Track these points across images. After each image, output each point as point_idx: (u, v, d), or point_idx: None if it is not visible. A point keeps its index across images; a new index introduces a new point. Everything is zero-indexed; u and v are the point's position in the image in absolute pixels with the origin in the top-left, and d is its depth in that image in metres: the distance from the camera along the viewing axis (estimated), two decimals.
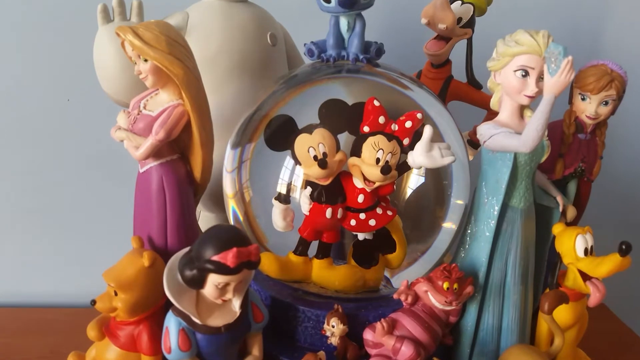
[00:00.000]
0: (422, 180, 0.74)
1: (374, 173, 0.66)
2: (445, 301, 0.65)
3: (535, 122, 0.59)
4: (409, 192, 0.74)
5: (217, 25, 0.83)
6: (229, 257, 0.56)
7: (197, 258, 0.58)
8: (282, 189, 0.72)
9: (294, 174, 0.71)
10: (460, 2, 0.85)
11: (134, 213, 0.74)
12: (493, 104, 0.68)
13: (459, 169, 0.73)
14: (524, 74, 0.64)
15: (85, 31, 0.83)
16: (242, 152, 0.75)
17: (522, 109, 0.67)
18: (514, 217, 0.68)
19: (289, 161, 0.70)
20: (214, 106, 0.76)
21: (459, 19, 0.84)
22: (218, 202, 0.83)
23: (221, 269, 0.56)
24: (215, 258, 0.56)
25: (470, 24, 0.86)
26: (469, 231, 0.70)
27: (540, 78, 0.64)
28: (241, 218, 0.75)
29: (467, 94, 0.89)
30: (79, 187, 1.09)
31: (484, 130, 0.65)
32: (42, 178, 1.08)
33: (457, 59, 0.89)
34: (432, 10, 0.82)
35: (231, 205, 0.76)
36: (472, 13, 0.85)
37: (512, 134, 0.63)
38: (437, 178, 0.73)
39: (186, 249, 0.62)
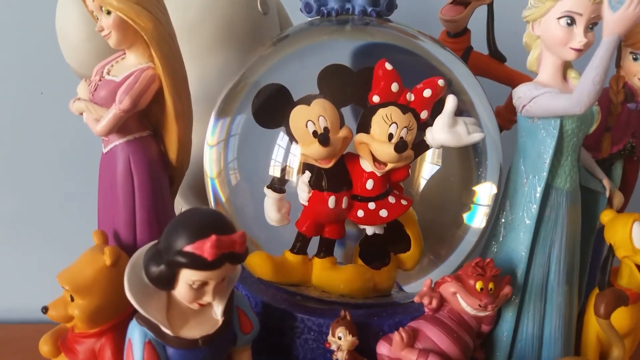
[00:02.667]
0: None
1: (386, 151, 0.54)
2: (479, 305, 0.52)
3: (592, 72, 0.47)
4: (427, 176, 0.63)
5: None
6: (205, 247, 0.43)
7: (166, 250, 0.45)
8: (275, 172, 0.60)
9: (290, 153, 0.59)
10: None
11: (98, 203, 0.62)
12: (530, 62, 0.57)
13: (490, 147, 0.61)
14: (569, 21, 0.52)
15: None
16: (230, 124, 0.63)
17: (565, 67, 0.55)
18: (558, 201, 0.56)
19: (282, 138, 0.58)
20: (195, 80, 0.65)
21: None
22: (202, 195, 0.71)
23: (196, 262, 0.43)
24: (188, 249, 0.44)
25: None
26: (503, 220, 0.59)
27: (589, 27, 0.53)
28: (224, 200, 0.63)
29: (489, 67, 0.77)
30: (53, 189, 0.97)
31: (523, 92, 0.54)
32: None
33: (476, 28, 0.78)
34: None
35: (211, 185, 0.64)
36: None
37: (559, 94, 0.52)
38: (464, 157, 0.61)
39: (154, 242, 0.49)
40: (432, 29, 0.79)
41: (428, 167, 0.62)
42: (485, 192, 0.61)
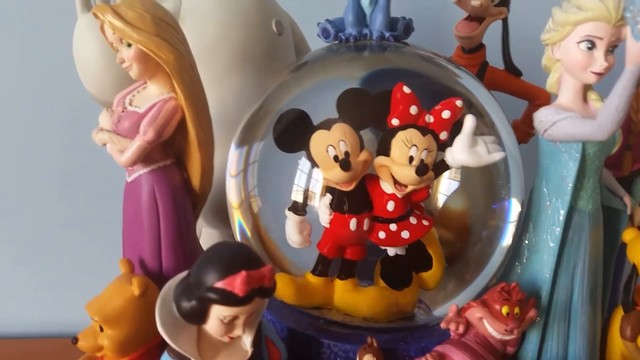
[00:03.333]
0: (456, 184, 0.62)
1: (407, 174, 0.54)
2: (506, 329, 0.53)
3: (616, 100, 0.47)
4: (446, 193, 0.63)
5: (214, 10, 0.72)
6: (236, 284, 0.43)
7: (196, 285, 0.45)
8: (297, 197, 0.60)
9: (311, 178, 0.59)
10: None
11: (122, 231, 0.62)
12: (550, 85, 0.57)
13: (512, 165, 0.61)
14: (590, 45, 0.52)
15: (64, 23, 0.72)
16: (248, 152, 0.63)
17: (585, 90, 0.55)
18: (581, 223, 0.56)
19: (304, 163, 0.58)
20: (213, 104, 0.65)
21: None
22: (222, 216, 0.71)
23: (227, 298, 0.44)
24: (219, 285, 0.44)
25: (505, 1, 0.74)
26: (527, 242, 0.59)
27: (609, 50, 0.52)
28: (249, 233, 0.63)
29: (506, 82, 0.77)
30: (59, 201, 0.97)
31: (545, 116, 0.54)
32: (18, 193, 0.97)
33: (490, 43, 0.78)
34: None
35: (237, 217, 0.64)
36: None
37: (582, 119, 0.51)
38: (487, 176, 0.61)
39: (183, 274, 0.50)
40: (446, 44, 0.79)
41: (448, 185, 0.62)
42: (509, 210, 0.61)
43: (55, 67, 0.85)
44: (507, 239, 0.60)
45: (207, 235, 0.81)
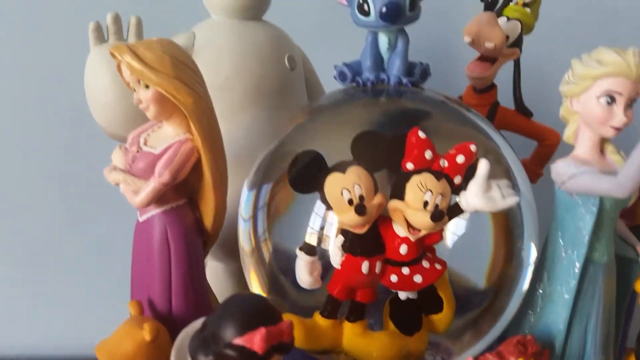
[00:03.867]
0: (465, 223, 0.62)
1: (422, 220, 0.54)
2: None
3: (638, 160, 0.47)
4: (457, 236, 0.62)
5: (228, 46, 0.72)
6: (256, 340, 0.43)
7: (214, 340, 0.45)
8: (310, 238, 0.59)
9: (324, 220, 0.59)
10: (505, 18, 0.74)
11: (131, 271, 0.62)
12: (567, 136, 0.57)
13: (525, 209, 0.61)
14: (609, 100, 0.52)
15: (74, 52, 0.72)
16: (258, 194, 0.62)
17: (602, 142, 0.56)
18: (595, 275, 0.56)
19: (318, 205, 0.58)
20: (225, 138, 0.65)
21: (506, 38, 0.73)
22: (229, 250, 0.71)
23: (246, 356, 0.43)
24: (238, 342, 0.43)
25: (518, 43, 0.75)
26: (541, 291, 0.58)
27: (628, 105, 0.53)
28: (262, 271, 0.63)
29: (516, 122, 0.77)
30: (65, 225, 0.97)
31: (562, 169, 0.54)
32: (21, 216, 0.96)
33: (501, 82, 0.78)
34: (476, 27, 0.71)
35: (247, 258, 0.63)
36: (519, 31, 0.74)
37: (600, 175, 0.52)
38: (501, 219, 0.61)
39: (198, 323, 0.49)
40: (458, 82, 0.79)
41: (461, 229, 0.62)
42: (527, 256, 0.61)
43: (68, 100, 0.85)
44: (524, 286, 0.60)
45: (211, 269, 0.80)
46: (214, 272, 0.79)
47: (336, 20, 0.66)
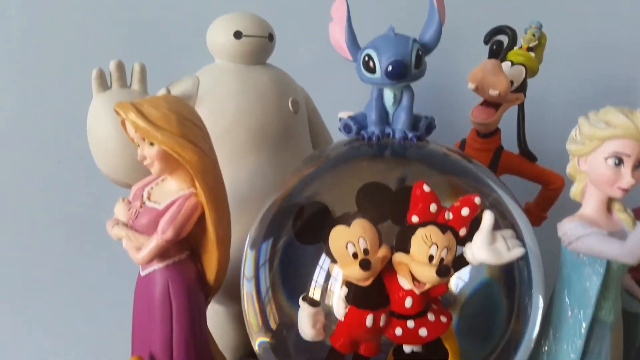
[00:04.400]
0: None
1: (428, 275, 0.53)
2: None
3: None
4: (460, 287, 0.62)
5: (232, 91, 0.72)
6: None
7: None
8: (315, 293, 0.59)
9: (328, 272, 0.58)
10: (510, 63, 0.74)
11: (132, 325, 0.61)
12: (574, 194, 0.56)
13: (532, 262, 0.60)
14: (617, 162, 0.52)
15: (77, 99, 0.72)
16: (258, 253, 0.61)
17: (610, 200, 0.55)
18: (602, 334, 0.56)
19: (323, 258, 0.57)
20: (228, 183, 0.64)
21: (510, 83, 0.73)
22: (230, 293, 0.70)
23: None
24: None
25: (522, 87, 0.75)
26: (546, 348, 0.58)
27: (636, 166, 0.52)
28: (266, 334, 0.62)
29: (521, 167, 0.77)
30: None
31: (569, 229, 0.53)
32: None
33: (504, 126, 0.78)
34: (481, 74, 0.70)
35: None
36: (524, 76, 0.74)
37: (608, 238, 0.51)
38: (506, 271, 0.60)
39: None
40: (461, 126, 0.79)
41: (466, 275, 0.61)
42: (535, 311, 0.60)
43: (70, 147, 0.85)
44: (531, 342, 0.59)
45: (212, 312, 0.79)
46: (215, 315, 0.78)
47: (339, 59, 0.66)
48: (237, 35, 0.71)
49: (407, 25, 0.59)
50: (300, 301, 0.57)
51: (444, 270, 0.53)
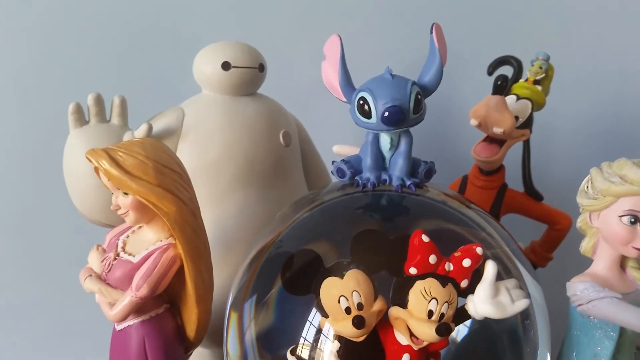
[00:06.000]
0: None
1: (427, 332, 0.49)
2: None
3: None
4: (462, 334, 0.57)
5: (218, 124, 0.67)
6: None
7: None
8: (303, 346, 0.55)
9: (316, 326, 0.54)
10: (515, 97, 0.70)
11: None
12: (585, 250, 0.52)
13: (538, 315, 0.55)
14: (632, 220, 0.48)
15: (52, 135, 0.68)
16: (241, 315, 0.57)
17: (623, 258, 0.51)
18: None
19: (313, 313, 0.53)
20: (213, 223, 0.61)
21: (515, 118, 0.68)
22: (214, 337, 0.66)
23: None
24: None
25: (528, 123, 0.70)
26: None
27: None
28: None
29: (526, 206, 0.73)
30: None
31: (580, 292, 0.49)
32: None
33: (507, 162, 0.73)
34: (484, 110, 0.66)
35: None
36: (530, 111, 0.70)
37: (624, 305, 0.47)
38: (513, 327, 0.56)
39: None
40: (462, 162, 0.75)
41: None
42: None
43: (46, 184, 0.80)
44: None
45: (197, 355, 0.75)
46: (200, 357, 0.74)
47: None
48: (225, 66, 0.67)
49: (405, 63, 0.55)
50: (289, 355, 0.53)
51: (445, 329, 0.49)
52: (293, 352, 0.53)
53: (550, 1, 0.86)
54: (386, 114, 0.50)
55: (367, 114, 0.52)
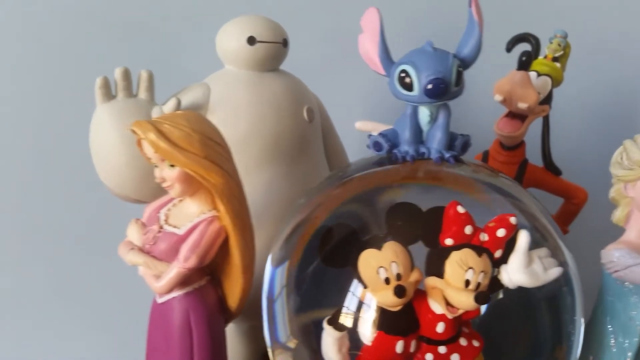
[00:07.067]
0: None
1: (465, 301, 0.50)
2: None
3: None
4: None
5: (245, 100, 0.67)
6: None
7: None
8: (343, 315, 0.56)
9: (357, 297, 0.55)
10: (535, 73, 0.71)
11: (147, 354, 0.57)
12: (618, 219, 0.54)
13: (574, 283, 0.57)
14: None
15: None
16: (288, 271, 0.58)
17: None
18: None
19: (350, 281, 0.54)
20: None
21: None
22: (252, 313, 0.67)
23: None
24: None
25: (548, 99, 0.72)
26: None
27: None
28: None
29: (545, 181, 0.74)
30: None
31: (617, 258, 0.51)
32: None
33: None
34: (508, 85, 0.67)
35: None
36: (550, 87, 0.71)
37: None
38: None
39: None
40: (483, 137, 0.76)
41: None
42: (578, 336, 0.57)
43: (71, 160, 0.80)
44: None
45: None
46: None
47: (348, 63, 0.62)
48: (251, 41, 0.67)
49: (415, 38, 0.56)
50: (325, 325, 0.54)
51: (483, 297, 0.50)
52: (330, 322, 0.54)
53: None
54: (429, 86, 0.51)
55: (409, 87, 0.52)
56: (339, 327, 0.54)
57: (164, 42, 0.87)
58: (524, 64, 0.68)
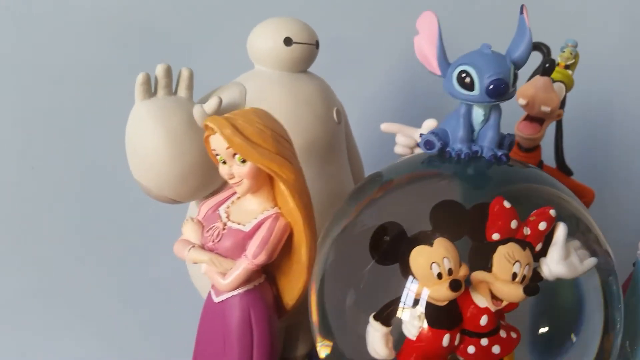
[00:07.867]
0: None
1: (515, 293, 0.52)
2: None
3: None
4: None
5: (279, 101, 0.67)
6: None
7: None
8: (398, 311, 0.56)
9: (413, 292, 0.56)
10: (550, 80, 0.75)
11: (197, 355, 0.56)
12: None
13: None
14: None
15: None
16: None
17: None
18: None
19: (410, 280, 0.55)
20: None
21: None
22: None
23: None
24: None
25: (562, 104, 0.76)
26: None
27: None
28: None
29: (558, 180, 0.78)
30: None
31: None
32: None
33: None
34: (532, 90, 0.71)
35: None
36: (564, 93, 0.75)
37: None
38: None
39: None
40: None
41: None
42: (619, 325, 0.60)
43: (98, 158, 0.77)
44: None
45: None
46: None
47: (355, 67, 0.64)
48: (287, 42, 0.68)
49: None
50: (372, 320, 0.54)
51: (532, 290, 0.52)
52: (377, 318, 0.55)
53: None
54: (491, 86, 0.53)
55: (469, 87, 0.54)
56: (386, 323, 0.55)
57: (173, 45, 0.86)
58: (547, 70, 0.72)
